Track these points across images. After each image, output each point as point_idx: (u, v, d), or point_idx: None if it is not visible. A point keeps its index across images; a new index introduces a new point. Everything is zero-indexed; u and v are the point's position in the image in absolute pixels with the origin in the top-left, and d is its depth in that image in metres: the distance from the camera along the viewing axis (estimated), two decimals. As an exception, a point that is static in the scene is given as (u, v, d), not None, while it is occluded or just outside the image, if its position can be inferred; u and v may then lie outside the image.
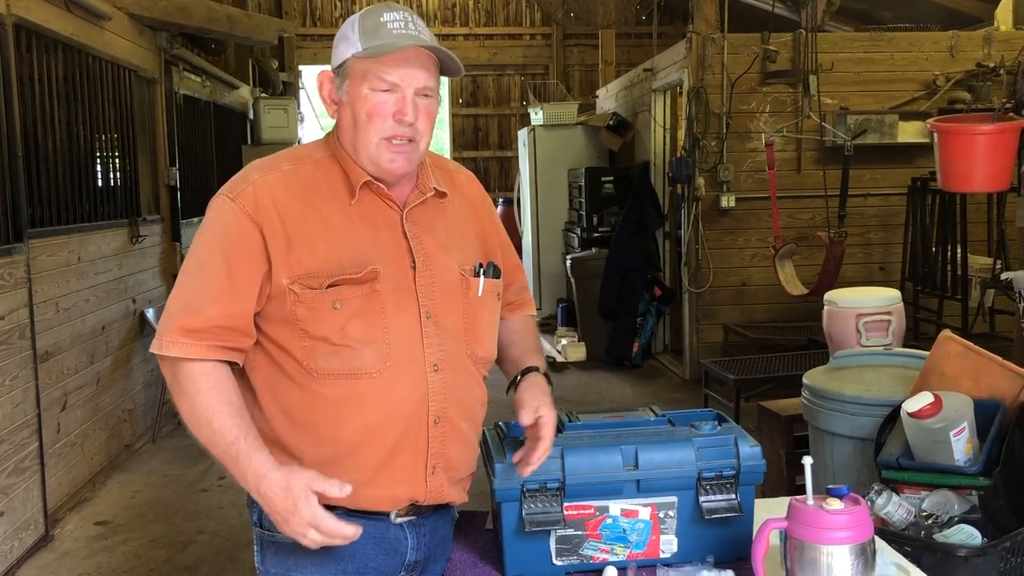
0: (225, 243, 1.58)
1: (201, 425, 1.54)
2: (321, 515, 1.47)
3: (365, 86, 1.60)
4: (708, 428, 1.74)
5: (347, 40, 1.63)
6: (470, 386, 1.72)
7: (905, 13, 7.77)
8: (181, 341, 1.55)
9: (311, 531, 1.47)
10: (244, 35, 7.05)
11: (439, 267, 1.67)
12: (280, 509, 1.48)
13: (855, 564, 1.48)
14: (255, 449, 1.52)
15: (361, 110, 1.61)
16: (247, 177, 1.63)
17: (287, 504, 1.47)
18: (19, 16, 4.21)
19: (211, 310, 1.56)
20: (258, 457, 1.51)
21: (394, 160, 1.62)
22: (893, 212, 6.68)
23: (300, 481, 1.47)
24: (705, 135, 6.69)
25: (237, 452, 1.51)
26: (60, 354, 4.55)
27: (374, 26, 1.60)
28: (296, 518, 1.47)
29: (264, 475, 1.49)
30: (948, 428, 2.42)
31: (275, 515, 1.50)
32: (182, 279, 1.61)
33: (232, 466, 1.53)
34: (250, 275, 1.58)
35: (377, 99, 1.60)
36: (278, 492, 1.48)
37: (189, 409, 1.55)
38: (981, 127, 4.79)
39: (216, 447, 1.54)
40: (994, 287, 5.10)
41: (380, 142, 1.61)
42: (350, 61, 1.61)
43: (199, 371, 1.55)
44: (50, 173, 4.62)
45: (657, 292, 7.57)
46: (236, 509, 4.54)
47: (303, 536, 1.48)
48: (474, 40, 11.75)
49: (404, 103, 1.60)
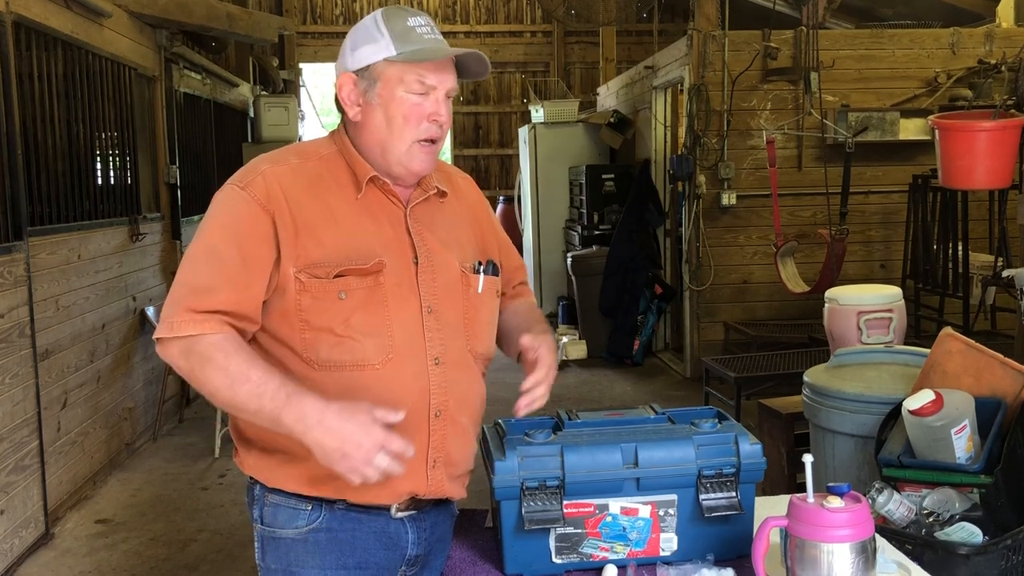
0: (237, 230, 1.59)
1: (240, 381, 1.50)
2: (388, 436, 1.46)
3: (400, 89, 1.63)
4: (708, 426, 1.74)
5: (375, 43, 1.63)
6: (470, 381, 1.74)
7: (906, 10, 7.77)
8: (193, 319, 1.54)
9: (377, 455, 1.45)
10: (244, 33, 7.05)
11: (440, 263, 1.70)
12: (346, 436, 1.46)
13: (856, 562, 1.47)
14: (302, 391, 1.50)
15: (397, 112, 1.64)
16: (256, 168, 1.65)
17: (352, 429, 1.46)
18: (18, 14, 4.20)
19: (222, 295, 1.56)
20: (310, 397, 1.49)
21: (424, 161, 1.68)
22: (894, 209, 6.68)
23: (362, 405, 1.47)
24: (706, 132, 6.68)
25: (287, 394, 1.49)
26: (60, 352, 4.55)
27: (404, 31, 1.63)
28: (367, 445, 1.45)
29: (324, 407, 1.47)
30: (949, 426, 2.41)
31: (335, 452, 1.46)
32: (190, 264, 1.60)
33: (281, 411, 1.48)
34: (261, 262, 1.58)
35: (413, 101, 1.64)
36: (346, 419, 1.46)
37: (220, 372, 1.52)
38: (982, 124, 4.79)
39: (261, 398, 1.50)
40: (995, 284, 5.09)
41: (413, 144, 1.65)
42: (381, 64, 1.63)
43: (221, 338, 1.54)
44: (50, 171, 4.62)
45: (658, 290, 7.57)
46: (237, 507, 4.54)
47: (367, 465, 1.46)
48: (475, 37, 11.74)
49: (439, 104, 1.65)
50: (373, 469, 1.47)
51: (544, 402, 1.72)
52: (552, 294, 9.20)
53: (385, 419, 1.47)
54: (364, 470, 1.47)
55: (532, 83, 11.44)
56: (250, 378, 1.50)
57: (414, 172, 1.68)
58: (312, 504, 1.66)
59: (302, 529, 1.66)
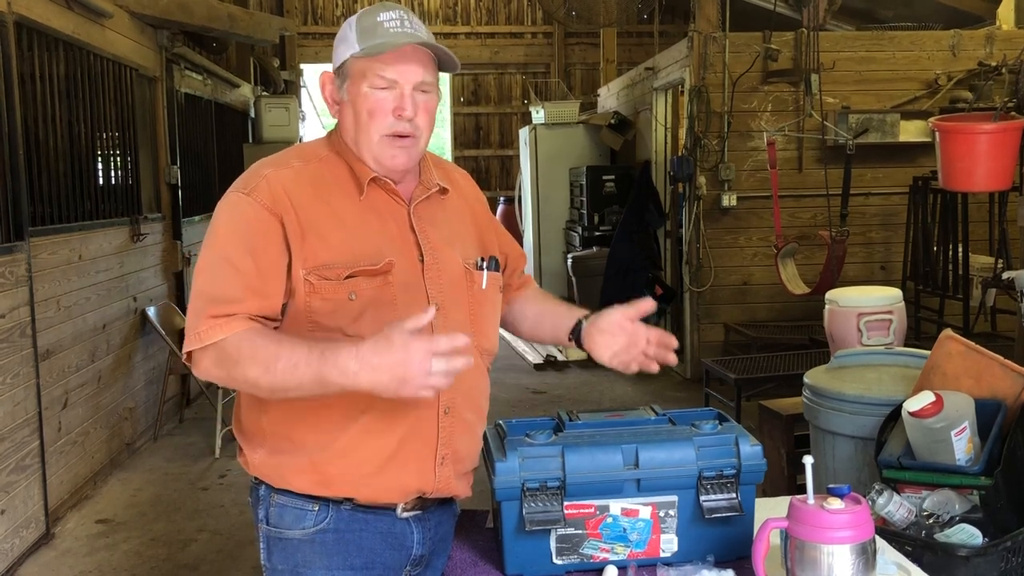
0: (249, 237, 1.58)
1: (272, 360, 1.48)
2: (431, 340, 1.40)
3: (364, 84, 1.63)
4: (709, 427, 1.74)
5: (346, 41, 1.65)
6: (477, 378, 1.74)
7: (907, 12, 7.77)
8: (218, 323, 1.52)
9: (435, 361, 1.40)
10: (245, 33, 7.05)
11: (445, 260, 1.71)
12: (395, 363, 1.40)
13: (856, 564, 1.47)
14: (334, 345, 1.47)
15: (362, 108, 1.63)
16: (259, 172, 1.65)
17: (395, 356, 1.40)
18: (20, 14, 4.21)
19: (244, 304, 1.55)
20: (343, 347, 1.44)
21: (396, 156, 1.65)
22: (894, 211, 6.68)
23: (392, 327, 1.41)
24: (706, 134, 6.69)
25: (320, 353, 1.45)
26: (61, 352, 4.55)
27: (371, 26, 1.63)
28: (415, 360, 1.39)
29: (358, 350, 1.42)
30: (949, 428, 2.42)
31: (392, 383, 1.41)
32: (205, 276, 1.59)
33: (323, 370, 1.44)
34: (276, 265, 1.58)
35: (377, 96, 1.62)
36: (382, 349, 1.41)
37: (251, 362, 1.49)
38: (983, 126, 4.79)
39: (297, 369, 1.46)
40: (995, 286, 5.09)
41: (382, 139, 1.64)
42: (349, 61, 1.64)
43: (243, 332, 1.52)
44: (51, 171, 4.62)
45: (658, 291, 7.56)
46: (237, 507, 4.54)
47: (429, 377, 1.40)
48: (475, 39, 11.75)
49: (403, 99, 1.63)
50: (438, 377, 1.42)
51: None
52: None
53: (418, 325, 1.41)
54: (430, 382, 1.42)
55: (533, 84, 11.45)
56: (280, 355, 1.48)
57: (390, 167, 1.66)
58: (319, 505, 1.66)
59: (309, 530, 1.67)
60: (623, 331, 1.74)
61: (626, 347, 1.73)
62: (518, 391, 6.64)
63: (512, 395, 6.30)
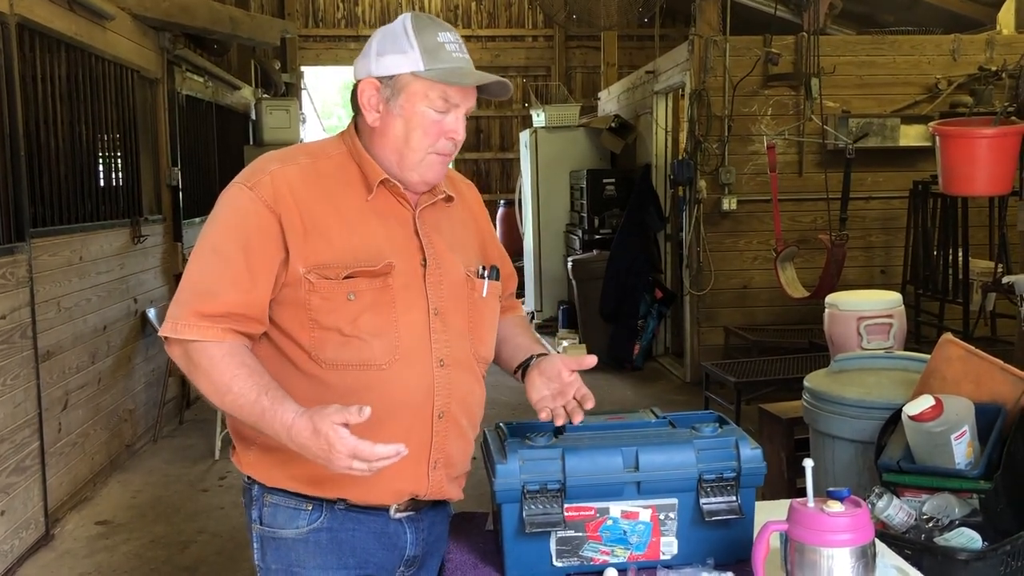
0: (243, 231, 1.60)
1: (222, 392, 1.55)
2: (356, 445, 1.44)
3: (423, 104, 1.64)
4: (709, 430, 1.74)
5: (404, 54, 1.63)
6: (472, 384, 1.75)
7: (907, 16, 7.78)
8: (197, 324, 1.56)
9: (355, 462, 1.46)
10: (247, 36, 7.06)
11: (447, 266, 1.71)
12: (317, 451, 1.47)
13: (855, 567, 1.48)
14: (278, 401, 1.52)
15: (416, 126, 1.65)
16: (264, 167, 1.65)
17: (322, 445, 1.46)
18: (22, 16, 4.21)
19: (228, 296, 1.57)
20: (282, 409, 1.50)
21: (438, 172, 1.70)
22: (894, 215, 6.68)
23: (324, 421, 1.45)
24: (707, 138, 6.69)
25: (262, 409, 1.51)
26: (61, 353, 4.55)
27: (435, 47, 1.62)
28: (336, 455, 1.45)
29: (291, 424, 1.49)
30: (949, 431, 2.42)
31: (316, 459, 1.49)
32: (196, 265, 1.62)
33: (261, 423, 1.53)
34: (267, 263, 1.59)
35: (434, 118, 1.65)
36: (309, 437, 1.47)
37: (207, 380, 1.56)
38: (983, 131, 4.79)
39: (242, 409, 1.54)
40: (995, 291, 5.09)
41: (429, 155, 1.67)
42: (407, 77, 1.63)
43: (215, 346, 1.56)
44: (52, 173, 4.63)
45: (658, 294, 7.57)
46: (237, 509, 4.54)
47: (350, 469, 1.47)
48: (476, 42, 11.75)
49: (458, 123, 1.67)
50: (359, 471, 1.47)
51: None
52: (552, 298, 9.20)
53: (349, 421, 1.44)
54: (351, 472, 1.47)
55: (533, 87, 11.46)
56: (231, 390, 1.54)
57: (428, 181, 1.70)
58: (313, 504, 1.67)
59: (303, 529, 1.67)
60: (559, 381, 1.73)
61: (553, 396, 1.73)
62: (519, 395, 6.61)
63: (513, 399, 6.29)
